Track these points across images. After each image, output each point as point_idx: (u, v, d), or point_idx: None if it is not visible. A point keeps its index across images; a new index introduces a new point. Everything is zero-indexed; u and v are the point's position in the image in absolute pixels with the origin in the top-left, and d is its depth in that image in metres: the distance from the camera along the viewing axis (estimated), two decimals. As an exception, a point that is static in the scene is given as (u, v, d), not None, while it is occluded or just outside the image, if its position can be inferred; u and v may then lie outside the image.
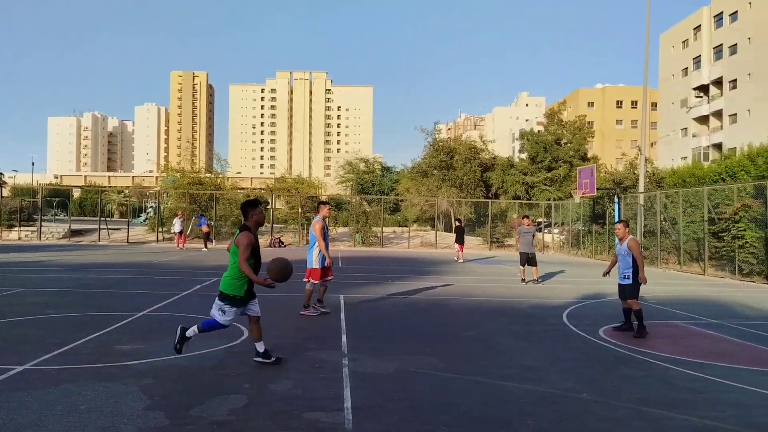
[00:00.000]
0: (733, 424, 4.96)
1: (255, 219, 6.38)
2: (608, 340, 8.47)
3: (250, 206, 6.44)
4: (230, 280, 6.24)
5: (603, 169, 40.19)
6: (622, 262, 9.22)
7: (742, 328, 9.73)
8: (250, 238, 6.18)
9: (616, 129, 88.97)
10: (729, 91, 56.09)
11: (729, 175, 23.81)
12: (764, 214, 18.07)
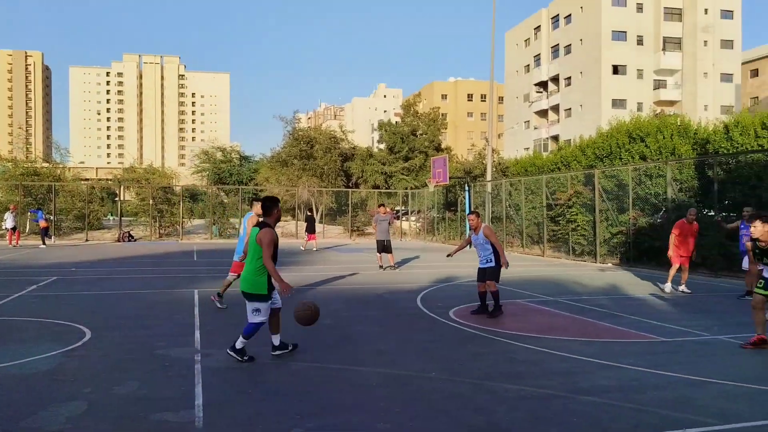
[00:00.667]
0: (562, 390, 5.47)
1: (277, 215, 6.46)
2: (458, 320, 8.95)
3: (272, 202, 6.48)
4: (253, 277, 6.25)
5: (455, 159, 42.28)
6: (482, 251, 9.45)
7: (573, 304, 10.74)
8: (273, 235, 6.19)
9: (468, 121, 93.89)
10: (564, 87, 61.36)
11: (564, 164, 26.06)
12: (593, 200, 20.04)
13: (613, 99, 55.54)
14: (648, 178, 18.90)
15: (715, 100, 55.89)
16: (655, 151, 21.56)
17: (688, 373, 6.08)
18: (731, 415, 4.79)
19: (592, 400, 5.16)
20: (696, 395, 5.35)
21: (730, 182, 17.15)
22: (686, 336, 7.96)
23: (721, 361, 6.69)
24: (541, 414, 4.82)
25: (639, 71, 56.86)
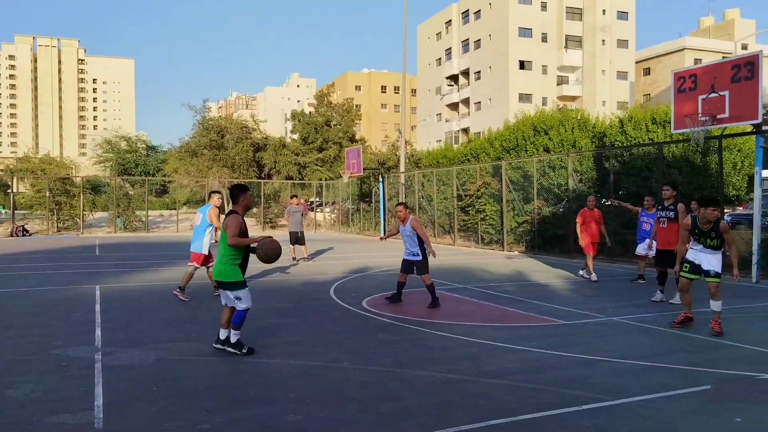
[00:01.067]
0: (469, 374, 5.67)
1: (245, 203, 6.43)
2: (371, 310, 9.05)
3: (240, 190, 6.44)
4: (225, 267, 6.22)
5: (369, 151, 42.49)
6: (409, 243, 9.45)
7: (481, 290, 11.12)
8: (239, 220, 6.21)
9: (382, 112, 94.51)
10: (475, 81, 63.02)
11: (473, 156, 26.87)
12: (500, 191, 20.77)
13: (520, 93, 57.66)
14: (551, 170, 19.82)
15: (611, 96, 59.29)
16: (558, 143, 22.63)
17: (584, 353, 6.47)
18: (621, 390, 5.14)
19: (498, 383, 5.38)
20: (591, 373, 5.69)
21: (625, 173, 18.30)
22: (584, 318, 8.44)
23: (613, 340, 7.15)
24: (449, 398, 4.98)
25: (544, 67, 59.31)
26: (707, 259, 7.44)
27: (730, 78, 12.31)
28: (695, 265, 7.53)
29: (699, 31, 70.20)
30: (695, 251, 7.58)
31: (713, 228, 7.32)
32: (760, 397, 5.01)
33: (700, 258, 7.49)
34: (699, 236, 7.46)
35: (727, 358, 6.24)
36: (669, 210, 9.96)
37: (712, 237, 7.36)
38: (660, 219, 10.11)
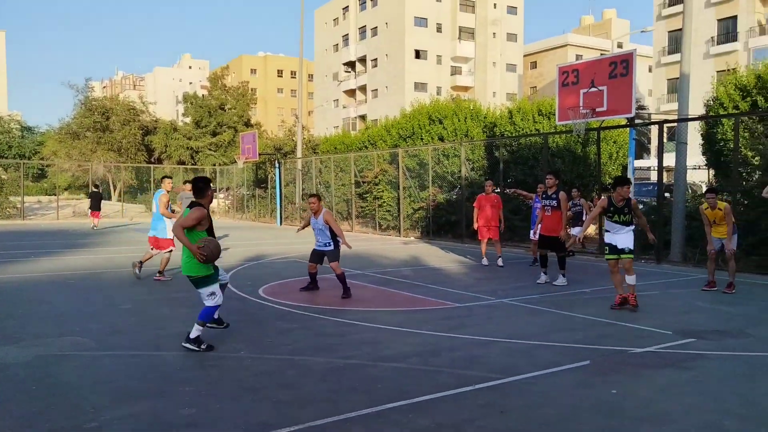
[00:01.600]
0: (367, 359, 5.73)
1: (210, 197, 6.32)
2: (267, 298, 8.90)
3: (206, 183, 6.32)
4: (191, 260, 5.98)
5: (265, 136, 41.60)
6: (320, 235, 9.16)
7: (379, 276, 11.26)
8: (202, 212, 6.03)
9: (278, 97, 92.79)
10: (371, 68, 63.36)
11: (371, 143, 27.04)
12: (397, 178, 21.09)
13: (416, 82, 58.69)
14: (445, 158, 20.38)
15: (501, 87, 61.76)
16: (452, 132, 23.27)
17: (477, 334, 6.74)
18: (512, 369, 5.41)
19: (395, 366, 5.48)
20: (483, 354, 5.94)
21: (513, 162, 19.18)
22: (476, 301, 8.78)
23: (503, 321, 7.51)
24: (348, 384, 5.01)
25: (438, 57, 60.68)
26: (621, 239, 8.18)
27: (608, 74, 13.19)
28: (613, 246, 8.24)
29: (580, 28, 74.52)
30: (611, 234, 8.32)
31: (626, 204, 8.18)
32: (633, 369, 5.45)
33: (616, 239, 8.21)
34: (614, 213, 8.23)
35: (604, 335, 6.73)
36: (552, 198, 10.52)
37: (625, 213, 8.19)
38: (545, 207, 10.64)
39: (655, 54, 43.63)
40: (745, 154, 12.45)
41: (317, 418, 4.21)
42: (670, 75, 40.83)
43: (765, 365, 5.58)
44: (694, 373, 5.33)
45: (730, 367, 5.56)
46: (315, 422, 4.14)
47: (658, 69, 43.27)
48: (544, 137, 16.87)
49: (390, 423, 4.16)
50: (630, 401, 4.60)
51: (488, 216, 12.85)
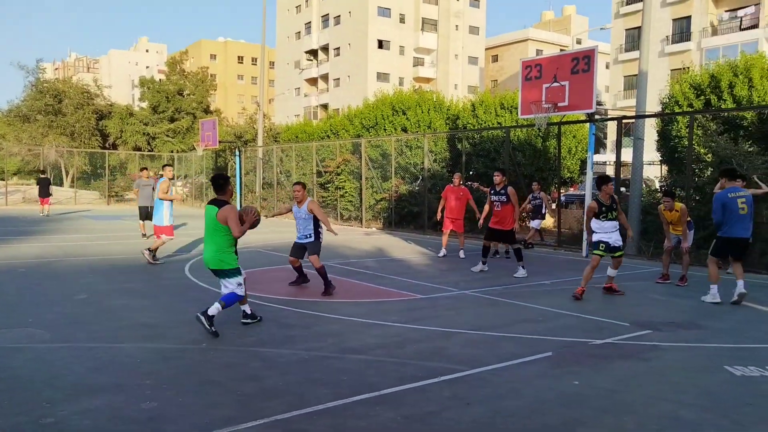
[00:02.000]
0: (332, 351, 5.70)
1: (230, 192, 6.60)
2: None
3: (225, 180, 6.53)
4: (226, 255, 6.36)
5: (225, 123, 40.93)
6: (302, 225, 8.83)
7: (343, 267, 11.21)
8: (236, 211, 6.35)
9: (238, 84, 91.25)
10: (334, 57, 62.83)
11: (333, 133, 26.85)
12: (360, 168, 21.02)
13: (378, 72, 58.49)
14: (408, 149, 20.40)
15: (463, 80, 62.14)
16: (415, 124, 23.29)
17: (441, 325, 6.78)
18: (476, 360, 5.46)
19: (361, 358, 5.47)
20: (448, 345, 5.98)
21: (476, 154, 19.33)
22: (440, 292, 8.84)
23: (467, 313, 7.57)
24: (313, 376, 4.97)
25: (401, 48, 60.56)
26: (616, 237, 8.51)
27: (570, 69, 13.38)
28: (607, 244, 8.48)
29: (541, 23, 75.51)
30: (606, 233, 8.50)
31: (612, 201, 8.44)
32: (593, 361, 5.57)
33: (611, 238, 8.49)
34: (606, 211, 8.43)
35: (565, 326, 6.86)
36: (500, 194, 10.71)
37: (613, 209, 8.44)
38: (494, 203, 10.79)
39: (612, 51, 44.52)
40: (698, 151, 12.82)
41: (283, 411, 4.17)
42: (626, 72, 41.77)
43: (718, 356, 5.77)
44: (652, 364, 5.48)
45: (685, 357, 5.73)
46: (281, 416, 4.09)
47: (616, 66, 44.20)
48: (506, 131, 17.04)
49: (356, 416, 4.15)
50: (592, 392, 4.70)
51: (453, 208, 12.92)
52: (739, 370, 5.27)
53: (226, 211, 6.24)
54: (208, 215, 6.34)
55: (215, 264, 6.38)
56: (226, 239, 6.33)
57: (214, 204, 6.35)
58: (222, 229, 6.28)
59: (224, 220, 6.24)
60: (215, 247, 6.34)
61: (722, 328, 6.86)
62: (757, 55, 14.43)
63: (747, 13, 36.40)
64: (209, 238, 6.39)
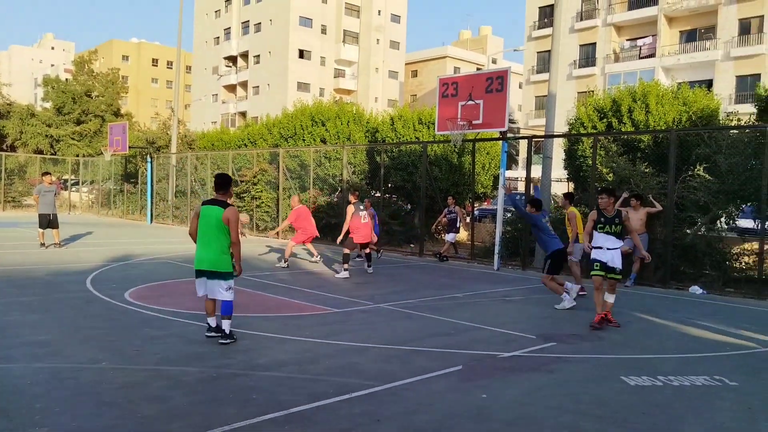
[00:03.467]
0: (241, 368, 5.55)
1: (232, 193, 6.66)
2: (134, 302, 8.37)
3: (228, 182, 6.57)
4: (222, 256, 6.33)
5: (137, 127, 39.24)
6: None
7: (256, 280, 10.97)
8: (238, 213, 6.38)
9: (152, 87, 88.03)
10: (254, 64, 61.90)
11: (251, 141, 26.39)
12: (277, 178, 20.74)
13: (299, 82, 58.17)
14: (327, 160, 20.36)
15: (383, 93, 62.92)
16: (334, 135, 23.30)
17: (355, 340, 6.75)
18: (388, 375, 5.47)
19: (271, 375, 5.35)
20: (360, 360, 5.96)
21: (394, 167, 19.55)
22: (354, 306, 8.82)
23: (381, 327, 7.59)
24: (220, 395, 4.81)
25: (322, 58, 60.58)
26: (612, 257, 7.77)
27: (484, 89, 13.82)
28: (603, 263, 7.79)
29: (459, 42, 77.71)
30: (602, 249, 7.83)
31: (617, 215, 7.81)
32: (502, 374, 5.72)
33: (607, 257, 7.77)
34: (605, 224, 7.80)
35: (475, 339, 7.01)
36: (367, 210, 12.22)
37: (615, 224, 7.77)
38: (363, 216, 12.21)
39: (525, 72, 46.45)
40: (601, 170, 13.55)
41: (186, 433, 4.00)
42: (537, 92, 43.65)
43: (615, 366, 6.08)
44: (555, 376, 5.69)
45: (586, 369, 6.00)
46: (184, 438, 3.92)
47: (528, 86, 46.12)
48: (423, 145, 17.34)
49: (264, 436, 4.04)
50: (498, 405, 4.81)
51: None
52: (633, 380, 5.57)
53: (232, 212, 6.31)
54: (212, 215, 6.31)
55: (216, 265, 6.32)
56: (227, 240, 6.34)
57: (216, 204, 6.37)
58: (225, 229, 6.29)
59: (228, 221, 6.27)
60: (218, 247, 6.32)
61: (620, 340, 7.24)
62: (653, 83, 15.46)
63: (645, 42, 39.04)
64: (211, 239, 6.32)
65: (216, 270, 6.34)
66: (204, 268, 6.38)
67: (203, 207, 6.44)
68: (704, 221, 12.13)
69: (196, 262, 6.43)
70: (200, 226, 6.39)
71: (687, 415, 4.77)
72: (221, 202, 6.43)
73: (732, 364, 6.27)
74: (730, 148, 11.88)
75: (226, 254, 6.38)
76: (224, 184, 6.54)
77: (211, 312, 6.58)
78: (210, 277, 6.39)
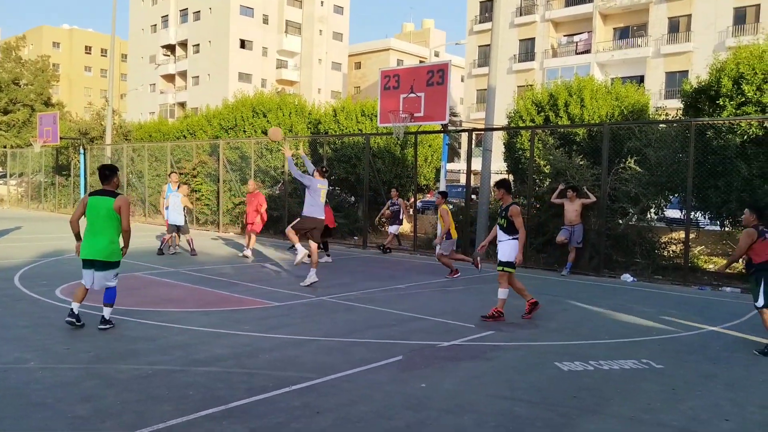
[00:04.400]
0: (178, 364, 5.44)
1: (117, 182, 6.58)
2: (66, 299, 8.06)
3: (112, 171, 6.55)
4: (112, 246, 6.43)
5: (68, 118, 37.60)
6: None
7: (195, 274, 10.76)
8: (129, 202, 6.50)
9: (85, 76, 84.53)
10: (193, 54, 60.37)
11: (190, 133, 25.71)
12: (217, 170, 20.34)
13: (240, 72, 57.11)
14: (269, 152, 20.09)
15: (326, 85, 62.54)
16: (276, 126, 22.98)
17: (295, 333, 6.73)
18: (328, 367, 5.48)
19: (209, 371, 5.27)
20: (300, 353, 5.95)
21: (337, 159, 19.48)
22: (296, 299, 8.76)
23: (321, 320, 7.58)
24: (156, 392, 4.70)
25: (264, 49, 59.65)
26: (501, 249, 7.73)
27: (426, 81, 13.94)
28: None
29: (402, 34, 77.89)
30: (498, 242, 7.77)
31: (505, 209, 7.70)
32: (441, 363, 5.81)
33: (499, 248, 7.73)
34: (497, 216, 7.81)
35: (416, 330, 7.10)
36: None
37: (501, 216, 7.73)
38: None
39: (466, 65, 47.08)
40: (538, 163, 13.90)
41: (119, 432, 3.90)
42: (479, 86, 44.35)
43: (549, 353, 6.28)
44: (492, 364, 5.83)
45: (521, 356, 6.17)
46: (116, 437, 3.82)
47: (469, 79, 46.77)
48: (366, 138, 17.35)
49: (201, 432, 3.99)
50: (437, 394, 4.90)
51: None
52: (566, 366, 5.77)
53: (123, 200, 6.42)
54: (101, 205, 6.36)
55: (106, 255, 6.40)
56: (118, 230, 6.48)
57: (105, 194, 6.42)
58: (116, 218, 6.39)
59: (119, 209, 6.36)
60: (108, 237, 6.41)
61: (554, 327, 7.48)
62: (588, 78, 15.96)
63: (581, 38, 40.23)
64: (101, 229, 6.38)
65: (107, 260, 6.45)
66: (94, 258, 6.41)
67: (90, 198, 6.49)
68: (635, 212, 12.65)
69: (84, 252, 6.45)
70: (88, 217, 6.45)
71: (615, 396, 4.98)
72: (110, 191, 6.50)
73: (658, 348, 6.59)
74: (658, 141, 12.42)
75: (116, 244, 6.51)
76: (110, 175, 6.55)
77: (80, 300, 6.59)
78: (99, 268, 6.47)
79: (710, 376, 5.66)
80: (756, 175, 11.22)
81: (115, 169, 6.71)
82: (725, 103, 11.86)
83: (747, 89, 11.53)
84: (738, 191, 11.49)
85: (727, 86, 11.87)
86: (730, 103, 11.79)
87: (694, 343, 6.89)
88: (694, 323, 7.95)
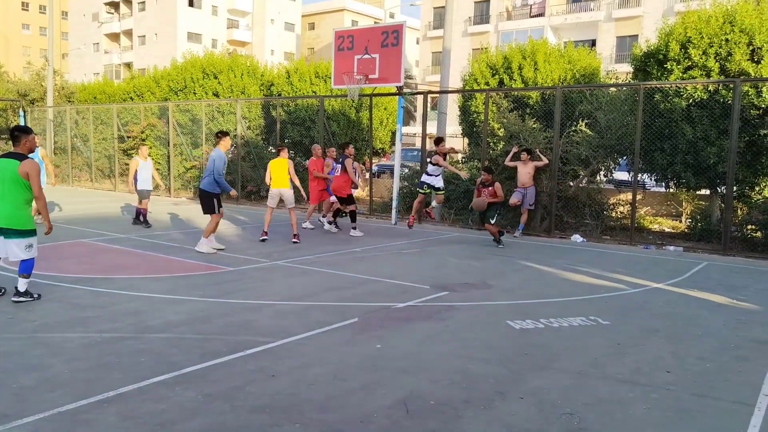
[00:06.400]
0: (129, 332, 5.33)
1: (28, 146, 6.16)
2: (9, 268, 7.74)
3: (22, 132, 6.15)
4: (19, 212, 6.02)
5: (6, 78, 35.73)
6: None
7: (145, 240, 10.52)
8: (38, 166, 6.05)
9: (24, 34, 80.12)
10: (138, 12, 57.89)
11: (137, 95, 24.80)
12: (167, 134, 19.75)
13: (189, 32, 55.17)
14: (221, 115, 19.60)
15: (279, 46, 61.09)
16: (227, 89, 22.38)
17: (250, 298, 6.68)
18: (283, 331, 5.47)
19: (162, 337, 5.19)
20: (256, 318, 5.91)
21: (290, 122, 19.17)
22: (249, 264, 8.69)
23: (277, 284, 7.54)
24: (106, 360, 4.61)
25: (214, 8, 57.67)
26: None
27: (380, 43, 13.73)
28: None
29: (357, -6, 76.35)
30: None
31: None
32: (396, 324, 5.88)
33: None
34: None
35: (371, 292, 7.15)
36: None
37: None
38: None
39: (422, 27, 46.61)
40: (492, 126, 13.99)
41: (68, 402, 3.82)
42: (434, 48, 44.05)
43: (501, 312, 6.42)
44: (446, 324, 5.93)
45: (474, 315, 6.29)
46: (65, 407, 3.75)
47: (425, 42, 46.39)
48: (320, 100, 17.08)
49: (154, 399, 3.94)
50: (392, 354, 4.96)
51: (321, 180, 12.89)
52: (518, 324, 5.92)
53: (29, 165, 5.98)
54: (6, 168, 5.95)
55: (9, 222, 6.00)
56: (25, 195, 6.06)
57: (12, 157, 6.02)
58: (22, 183, 5.98)
59: (26, 174, 5.95)
60: (13, 203, 6.00)
61: (506, 287, 7.65)
62: (542, 42, 16.02)
63: (536, 1, 40.26)
64: (6, 193, 5.98)
65: (12, 227, 6.02)
66: (6, 226, 6.02)
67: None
68: (585, 174, 12.92)
69: None
70: None
71: (564, 352, 5.15)
72: (17, 154, 6.07)
73: (605, 305, 6.82)
74: (608, 105, 12.63)
75: (23, 210, 6.08)
76: (19, 136, 6.14)
77: None
78: (7, 236, 6.05)
79: (653, 330, 5.90)
80: (700, 137, 11.56)
81: (28, 130, 6.26)
82: (673, 67, 12.10)
83: (693, 53, 11.79)
84: (683, 153, 11.84)
85: (675, 50, 12.10)
86: (678, 67, 12.04)
87: (638, 300, 7.16)
88: (639, 281, 8.25)
